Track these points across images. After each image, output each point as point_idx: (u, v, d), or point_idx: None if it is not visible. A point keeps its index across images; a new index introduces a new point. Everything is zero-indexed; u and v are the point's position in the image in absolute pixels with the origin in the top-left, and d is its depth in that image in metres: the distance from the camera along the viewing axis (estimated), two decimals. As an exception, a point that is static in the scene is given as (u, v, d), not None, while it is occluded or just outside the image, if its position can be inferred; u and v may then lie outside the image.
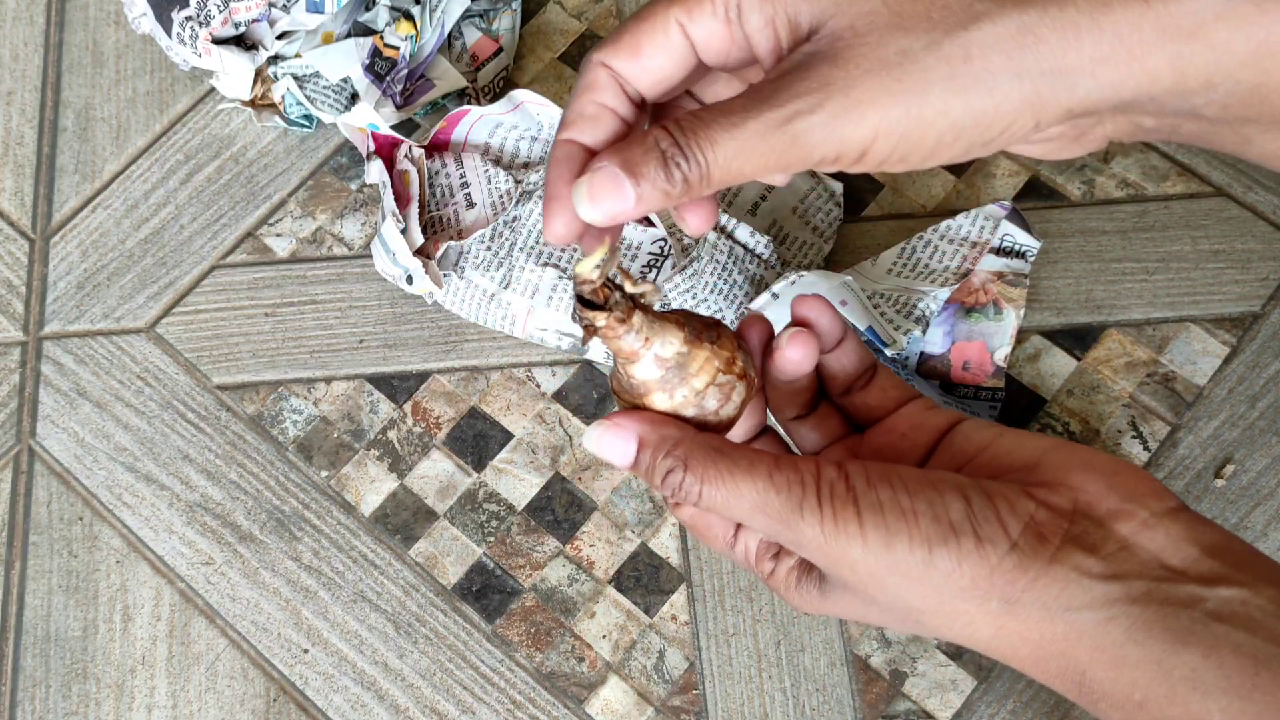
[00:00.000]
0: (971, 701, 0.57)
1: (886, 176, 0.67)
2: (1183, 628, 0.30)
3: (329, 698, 0.58)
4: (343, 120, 0.66)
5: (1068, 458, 0.33)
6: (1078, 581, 0.31)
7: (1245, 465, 0.61)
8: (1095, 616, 0.31)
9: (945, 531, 0.32)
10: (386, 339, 0.65)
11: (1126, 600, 0.31)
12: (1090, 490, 0.33)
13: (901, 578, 0.32)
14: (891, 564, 0.32)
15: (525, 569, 0.60)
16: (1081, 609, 0.31)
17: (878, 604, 0.34)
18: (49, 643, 0.59)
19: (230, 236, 0.67)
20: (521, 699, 0.57)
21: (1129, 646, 0.31)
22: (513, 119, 0.65)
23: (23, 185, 0.69)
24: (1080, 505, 0.32)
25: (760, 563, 0.38)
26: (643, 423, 0.35)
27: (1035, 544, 0.32)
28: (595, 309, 0.34)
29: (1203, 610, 0.30)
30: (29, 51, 0.72)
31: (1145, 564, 0.31)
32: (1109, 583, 0.31)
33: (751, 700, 0.57)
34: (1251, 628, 0.30)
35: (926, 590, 0.32)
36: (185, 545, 0.61)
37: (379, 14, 0.67)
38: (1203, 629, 0.30)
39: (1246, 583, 0.31)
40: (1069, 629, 0.32)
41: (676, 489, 0.34)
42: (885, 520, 0.32)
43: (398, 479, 0.62)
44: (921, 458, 0.37)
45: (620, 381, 0.36)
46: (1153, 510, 0.32)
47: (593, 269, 0.33)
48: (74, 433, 0.63)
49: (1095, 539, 0.32)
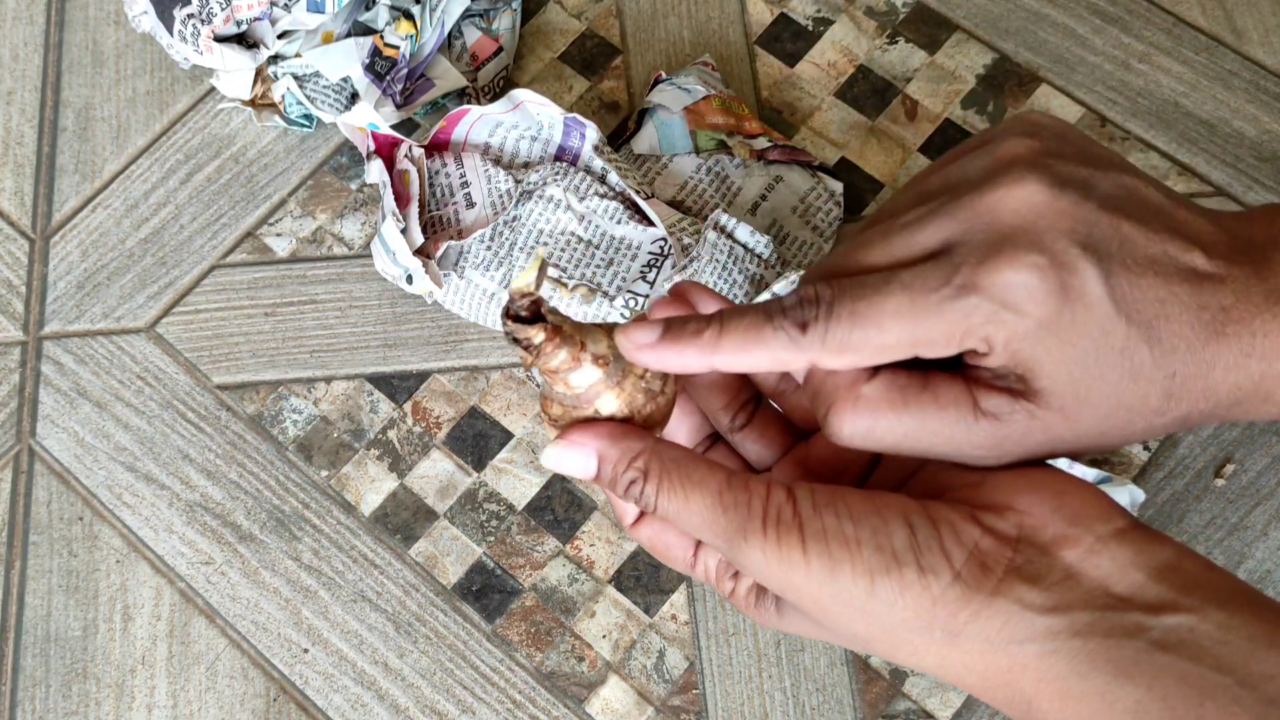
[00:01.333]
0: (972, 701, 0.57)
1: (887, 175, 0.67)
2: (1127, 659, 0.30)
3: (329, 697, 0.58)
4: (343, 120, 0.66)
5: (1015, 477, 0.33)
6: (1020, 614, 0.31)
7: (1245, 465, 0.61)
8: (1038, 649, 0.31)
9: (888, 561, 0.32)
10: (386, 339, 0.65)
11: (1069, 633, 0.31)
12: (1035, 514, 0.32)
13: (844, 606, 0.32)
14: (835, 593, 0.32)
15: (525, 569, 0.60)
16: (1024, 642, 0.31)
17: (824, 628, 0.34)
18: (49, 643, 0.59)
19: (230, 236, 0.67)
20: (521, 699, 0.57)
21: (1073, 680, 0.31)
22: (513, 119, 0.65)
23: (23, 185, 0.69)
24: (1025, 530, 0.32)
25: (720, 581, 0.38)
26: (601, 438, 0.35)
27: (978, 574, 0.31)
28: (529, 323, 0.34)
29: (1147, 640, 0.30)
30: (29, 51, 0.72)
31: (1090, 593, 0.31)
32: (1052, 615, 0.31)
33: (751, 700, 0.57)
34: (1197, 656, 0.30)
35: (870, 620, 0.32)
36: (185, 545, 0.61)
37: (379, 13, 0.67)
38: (1147, 659, 0.30)
39: (1194, 608, 0.30)
40: (1012, 662, 0.32)
41: (637, 498, 0.34)
42: (829, 548, 0.32)
43: (398, 479, 0.62)
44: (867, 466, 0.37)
45: (560, 401, 0.35)
46: (1098, 534, 0.32)
47: (529, 282, 0.33)
48: (74, 432, 0.63)
49: (1039, 568, 0.32)
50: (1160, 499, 0.60)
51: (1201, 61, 0.69)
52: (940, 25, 0.71)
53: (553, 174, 0.63)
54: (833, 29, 0.71)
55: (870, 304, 0.32)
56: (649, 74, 0.70)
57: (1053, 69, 0.70)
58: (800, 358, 0.33)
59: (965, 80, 0.70)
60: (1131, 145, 0.68)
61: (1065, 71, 0.70)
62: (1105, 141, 0.68)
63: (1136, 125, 0.68)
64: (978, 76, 0.70)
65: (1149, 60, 0.70)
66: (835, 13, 0.72)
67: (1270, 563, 0.59)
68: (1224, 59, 0.69)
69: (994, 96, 0.69)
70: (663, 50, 0.71)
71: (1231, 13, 0.71)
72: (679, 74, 0.67)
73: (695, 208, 0.66)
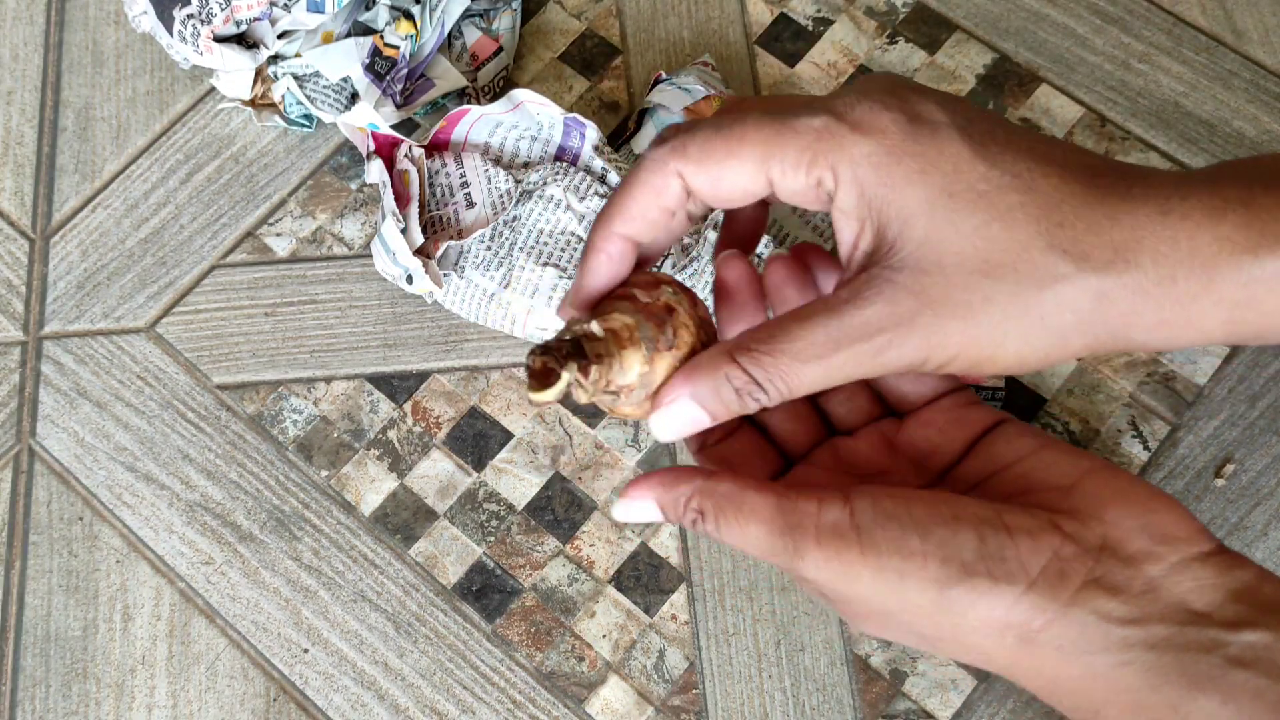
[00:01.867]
0: (972, 701, 0.57)
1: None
2: (1201, 673, 0.30)
3: (329, 697, 0.58)
4: (343, 120, 0.66)
5: (1105, 486, 0.33)
6: (1097, 625, 0.31)
7: (1245, 465, 0.60)
8: (1113, 660, 0.31)
9: (957, 573, 0.31)
10: (386, 339, 0.65)
11: (1145, 646, 0.31)
12: (1123, 526, 0.32)
13: (912, 615, 0.32)
14: (901, 603, 0.32)
15: (525, 569, 0.60)
16: (1100, 652, 0.31)
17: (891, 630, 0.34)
18: (49, 642, 0.59)
19: (230, 236, 0.67)
20: (521, 698, 0.57)
21: (1145, 692, 0.31)
22: (513, 118, 0.65)
23: (23, 185, 0.69)
24: (1110, 542, 0.32)
25: None
26: (654, 488, 0.35)
27: (1055, 583, 0.31)
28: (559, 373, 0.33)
29: (1223, 655, 0.30)
30: (29, 51, 0.72)
31: (1169, 608, 0.31)
32: (1129, 627, 0.31)
33: (751, 700, 0.57)
34: (1274, 674, 0.29)
35: (940, 625, 0.32)
36: (185, 545, 0.61)
37: (379, 13, 0.67)
38: (1221, 675, 0.30)
39: (1273, 626, 0.30)
40: (1084, 671, 0.31)
41: (703, 532, 0.35)
42: (893, 563, 0.32)
43: (398, 479, 0.62)
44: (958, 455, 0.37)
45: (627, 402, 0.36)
46: (1184, 555, 0.32)
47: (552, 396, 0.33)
48: (74, 432, 0.63)
49: (1120, 580, 0.31)
50: (1160, 499, 0.60)
51: (1201, 61, 0.69)
52: (940, 25, 0.71)
53: (553, 174, 0.63)
54: (833, 29, 0.71)
55: (735, 120, 0.33)
56: (649, 74, 0.70)
57: (1053, 69, 0.70)
58: (670, 177, 0.33)
59: (965, 80, 0.70)
60: (1131, 145, 0.68)
61: (1065, 71, 0.69)
62: (1105, 141, 0.68)
63: (1136, 125, 0.68)
64: (978, 76, 0.70)
65: (1149, 60, 0.70)
66: (835, 13, 0.72)
67: (1270, 563, 0.59)
68: (1224, 59, 0.69)
69: (994, 96, 0.69)
70: (663, 50, 0.71)
71: (1231, 13, 0.71)
72: (679, 74, 0.67)
73: (695, 208, 0.66)
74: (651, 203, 0.34)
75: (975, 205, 0.31)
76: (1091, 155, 0.32)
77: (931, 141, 0.31)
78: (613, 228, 0.34)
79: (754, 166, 0.32)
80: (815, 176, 0.32)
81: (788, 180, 0.32)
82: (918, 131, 0.31)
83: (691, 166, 0.33)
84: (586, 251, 0.35)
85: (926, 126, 0.31)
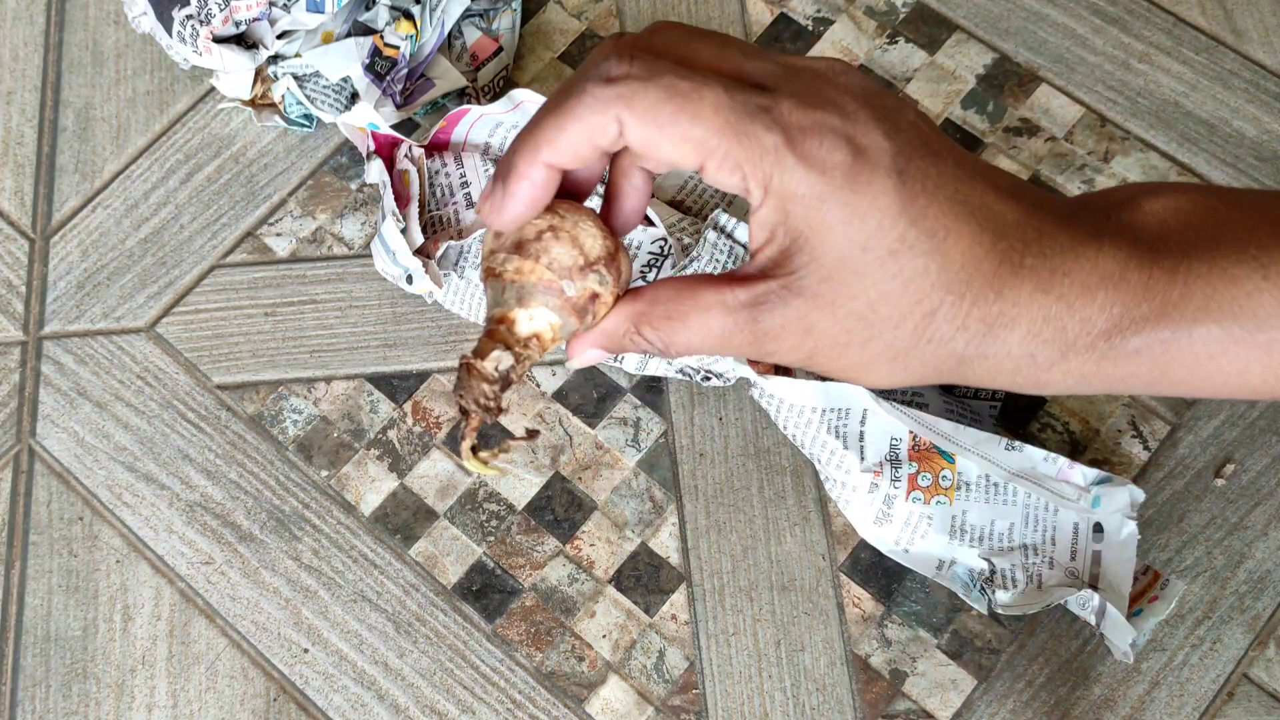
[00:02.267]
0: (972, 701, 0.57)
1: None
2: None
3: (329, 697, 0.58)
4: (343, 120, 0.66)
5: None
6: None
7: (1245, 465, 0.61)
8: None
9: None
10: (386, 339, 0.65)
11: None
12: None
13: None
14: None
15: (525, 568, 0.60)
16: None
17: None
18: (49, 642, 0.59)
19: (230, 236, 0.67)
20: (521, 699, 0.57)
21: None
22: (513, 118, 0.65)
23: (23, 185, 0.69)
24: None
25: None
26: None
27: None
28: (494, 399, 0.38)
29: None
30: (29, 51, 0.72)
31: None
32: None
33: (751, 700, 0.57)
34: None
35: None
36: (185, 545, 0.61)
37: (379, 13, 0.67)
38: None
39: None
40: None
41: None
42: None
43: (398, 478, 0.62)
44: None
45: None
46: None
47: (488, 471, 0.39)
48: (74, 432, 0.63)
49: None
50: (1160, 499, 0.60)
51: (1201, 61, 0.70)
52: (940, 25, 0.71)
53: (553, 174, 0.63)
54: (833, 29, 0.71)
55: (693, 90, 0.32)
56: (649, 74, 0.70)
57: (1053, 69, 0.70)
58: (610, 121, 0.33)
59: (965, 80, 0.70)
60: (1131, 145, 0.68)
61: (1065, 71, 0.70)
62: (1105, 141, 0.68)
63: (1136, 125, 0.68)
64: (978, 76, 0.70)
65: (1149, 60, 0.70)
66: (835, 12, 0.72)
67: (1270, 563, 0.59)
68: (1224, 59, 0.70)
69: (994, 96, 0.69)
70: (663, 50, 0.71)
71: (1231, 13, 0.71)
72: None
73: (695, 208, 0.66)
74: (585, 139, 0.33)
75: (883, 263, 0.33)
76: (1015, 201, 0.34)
77: (866, 191, 0.32)
78: (541, 156, 0.34)
79: (694, 150, 0.32)
80: (748, 185, 0.33)
81: (721, 175, 0.33)
82: (856, 176, 0.32)
83: (635, 120, 0.33)
84: (510, 174, 0.35)
85: (865, 170, 0.32)
